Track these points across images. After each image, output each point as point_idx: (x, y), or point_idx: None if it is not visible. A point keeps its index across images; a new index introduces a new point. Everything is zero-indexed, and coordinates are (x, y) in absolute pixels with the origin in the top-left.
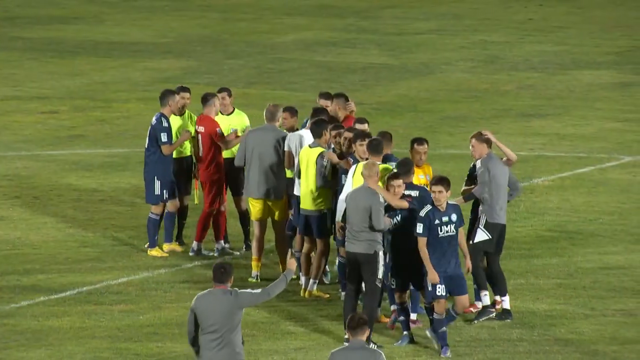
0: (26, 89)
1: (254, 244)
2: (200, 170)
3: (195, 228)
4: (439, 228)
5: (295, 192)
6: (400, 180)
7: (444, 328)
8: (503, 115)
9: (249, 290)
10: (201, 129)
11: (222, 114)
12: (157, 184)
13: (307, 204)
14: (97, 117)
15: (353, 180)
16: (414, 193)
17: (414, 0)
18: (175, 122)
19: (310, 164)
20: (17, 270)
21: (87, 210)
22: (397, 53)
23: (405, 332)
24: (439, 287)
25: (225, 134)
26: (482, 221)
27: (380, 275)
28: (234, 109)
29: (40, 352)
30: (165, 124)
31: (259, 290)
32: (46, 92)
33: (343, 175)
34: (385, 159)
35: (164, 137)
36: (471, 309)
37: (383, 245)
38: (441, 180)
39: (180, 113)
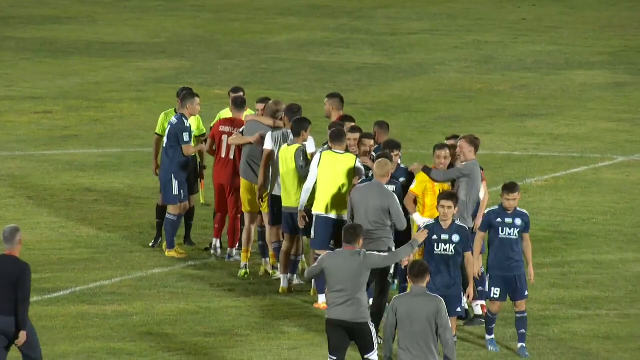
0: (20, 89)
1: (244, 235)
2: (226, 173)
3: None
4: (435, 244)
5: (272, 192)
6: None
7: None
8: (497, 116)
9: (376, 252)
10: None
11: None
12: (175, 183)
13: (289, 201)
14: (90, 117)
15: (318, 170)
16: (391, 188)
17: (407, 0)
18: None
19: (290, 161)
20: None
21: (81, 210)
22: (390, 53)
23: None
24: None
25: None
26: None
27: (391, 270)
28: (246, 109)
29: None
30: (186, 124)
31: (386, 254)
32: (40, 92)
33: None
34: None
35: (185, 137)
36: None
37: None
38: (451, 196)
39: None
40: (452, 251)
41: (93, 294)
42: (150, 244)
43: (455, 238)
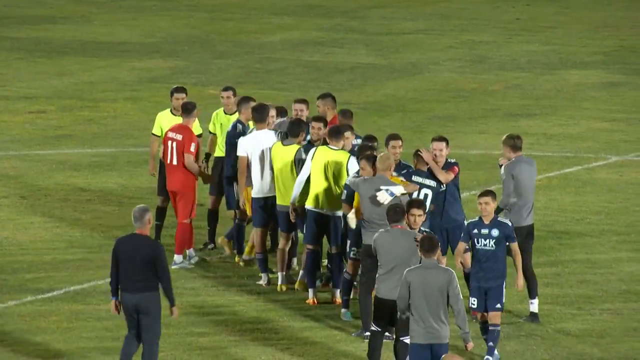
0: (14, 88)
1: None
2: (173, 180)
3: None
4: None
5: (254, 195)
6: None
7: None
8: (491, 115)
9: None
10: (178, 136)
11: (226, 113)
12: (236, 188)
13: (285, 200)
14: (84, 117)
15: (312, 164)
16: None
17: (401, 0)
18: (174, 121)
19: (287, 161)
20: (5, 270)
21: (75, 210)
22: (384, 53)
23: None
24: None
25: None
26: None
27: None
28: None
29: (28, 352)
30: (239, 130)
31: None
32: (34, 91)
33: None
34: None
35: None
36: None
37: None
38: (420, 204)
39: (179, 113)
40: None
41: (87, 293)
42: None
43: None
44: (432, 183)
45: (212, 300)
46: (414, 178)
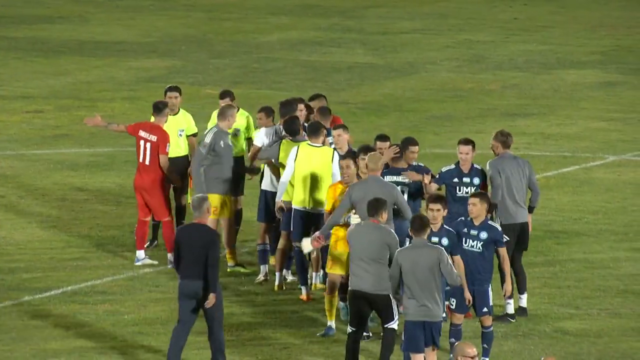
0: (11, 88)
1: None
2: (145, 179)
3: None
4: None
5: (263, 187)
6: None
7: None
8: (488, 115)
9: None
10: (153, 137)
11: None
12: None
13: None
14: (82, 117)
15: (295, 163)
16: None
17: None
18: (168, 121)
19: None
20: (2, 269)
21: (72, 210)
22: (382, 52)
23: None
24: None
25: (231, 135)
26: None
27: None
28: (238, 109)
29: (25, 351)
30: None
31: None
32: (31, 91)
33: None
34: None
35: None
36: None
37: None
38: (439, 199)
39: (174, 113)
40: None
41: (84, 293)
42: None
43: (444, 241)
44: (406, 180)
45: None
46: (387, 178)
